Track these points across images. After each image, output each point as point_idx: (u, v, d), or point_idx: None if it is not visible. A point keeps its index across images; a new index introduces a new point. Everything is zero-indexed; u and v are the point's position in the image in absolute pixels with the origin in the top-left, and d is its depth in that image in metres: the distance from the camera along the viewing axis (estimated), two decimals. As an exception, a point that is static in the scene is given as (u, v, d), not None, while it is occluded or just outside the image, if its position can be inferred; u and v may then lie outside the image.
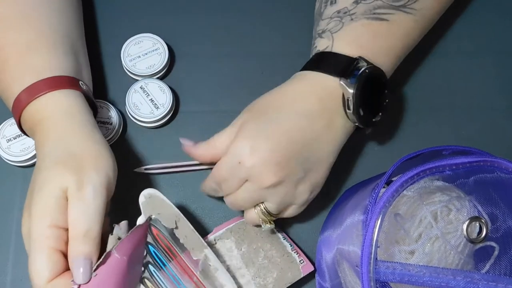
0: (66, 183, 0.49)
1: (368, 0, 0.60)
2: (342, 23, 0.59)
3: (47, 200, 0.49)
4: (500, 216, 0.49)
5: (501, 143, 0.69)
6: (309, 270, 0.60)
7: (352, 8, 0.60)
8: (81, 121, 0.54)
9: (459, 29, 0.73)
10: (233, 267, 0.59)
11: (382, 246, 0.50)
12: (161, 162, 0.65)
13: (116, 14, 0.72)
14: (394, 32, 0.60)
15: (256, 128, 0.55)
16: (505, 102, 0.71)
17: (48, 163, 0.51)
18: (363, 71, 0.56)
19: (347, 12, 0.60)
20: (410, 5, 0.61)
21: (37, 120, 0.54)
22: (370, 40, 0.59)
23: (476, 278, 0.44)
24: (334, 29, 0.59)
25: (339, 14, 0.60)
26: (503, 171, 0.48)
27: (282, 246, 0.60)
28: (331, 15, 0.61)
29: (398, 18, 0.60)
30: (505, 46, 0.73)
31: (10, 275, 0.62)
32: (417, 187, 0.51)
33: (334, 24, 0.60)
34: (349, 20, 0.59)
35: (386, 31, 0.60)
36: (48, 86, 0.54)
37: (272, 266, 0.59)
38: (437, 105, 0.70)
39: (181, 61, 0.70)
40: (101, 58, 0.70)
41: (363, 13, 0.59)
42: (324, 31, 0.60)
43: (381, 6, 0.60)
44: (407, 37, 0.62)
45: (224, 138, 0.57)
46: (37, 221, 0.49)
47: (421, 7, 0.62)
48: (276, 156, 0.54)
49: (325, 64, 0.58)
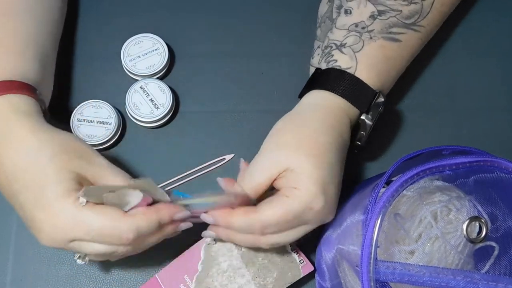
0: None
1: (383, 16, 0.59)
2: (362, 41, 0.59)
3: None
4: (500, 216, 0.49)
5: (501, 143, 0.69)
6: (309, 270, 0.60)
7: (369, 24, 0.59)
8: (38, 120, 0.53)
9: (460, 29, 0.73)
10: (233, 267, 0.59)
11: (382, 246, 0.50)
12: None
13: (116, 14, 0.72)
14: (403, 54, 0.61)
15: (318, 172, 0.52)
16: (505, 102, 0.71)
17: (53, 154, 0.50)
18: (381, 109, 0.58)
19: (365, 28, 0.59)
20: (419, 22, 0.61)
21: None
22: (385, 65, 0.60)
23: (476, 278, 0.44)
24: (355, 47, 0.59)
25: (357, 28, 0.60)
26: (503, 171, 0.48)
27: (282, 246, 0.60)
28: (349, 27, 0.60)
29: (408, 38, 0.61)
30: (505, 46, 0.73)
31: (10, 275, 0.62)
32: (417, 187, 0.51)
33: (354, 40, 0.59)
34: (368, 38, 0.59)
35: (397, 54, 0.61)
36: (4, 89, 0.52)
37: (272, 266, 0.59)
38: (437, 105, 0.70)
39: (181, 61, 0.70)
40: (101, 58, 0.70)
41: (380, 32, 0.59)
42: (344, 45, 0.59)
43: (395, 24, 0.60)
44: (411, 56, 0.63)
45: (265, 180, 0.53)
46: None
47: (428, 23, 0.62)
48: (337, 198, 0.55)
49: (351, 91, 0.57)
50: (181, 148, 0.67)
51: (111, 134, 0.65)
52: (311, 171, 0.52)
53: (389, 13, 0.59)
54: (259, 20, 0.72)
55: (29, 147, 0.50)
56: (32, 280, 0.62)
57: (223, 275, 0.59)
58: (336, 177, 0.54)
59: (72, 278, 0.62)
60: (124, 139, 0.67)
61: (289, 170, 0.53)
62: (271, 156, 0.54)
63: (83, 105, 0.65)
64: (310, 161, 0.52)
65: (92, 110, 0.65)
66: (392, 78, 0.62)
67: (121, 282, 0.62)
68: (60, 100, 0.67)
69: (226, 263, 0.59)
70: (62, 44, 0.67)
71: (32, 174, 0.49)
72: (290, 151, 0.53)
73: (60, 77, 0.66)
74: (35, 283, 0.62)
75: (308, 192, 0.52)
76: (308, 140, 0.54)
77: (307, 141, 0.54)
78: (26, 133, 0.50)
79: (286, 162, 0.53)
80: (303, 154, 0.53)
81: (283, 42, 0.71)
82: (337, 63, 0.58)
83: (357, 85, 0.57)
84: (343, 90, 0.57)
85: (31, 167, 0.50)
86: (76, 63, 0.69)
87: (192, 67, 0.70)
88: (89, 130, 0.64)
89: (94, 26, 0.71)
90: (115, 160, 0.65)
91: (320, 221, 0.54)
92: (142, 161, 0.66)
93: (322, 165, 0.53)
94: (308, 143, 0.53)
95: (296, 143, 0.54)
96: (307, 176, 0.52)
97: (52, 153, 0.50)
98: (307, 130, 0.55)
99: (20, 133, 0.51)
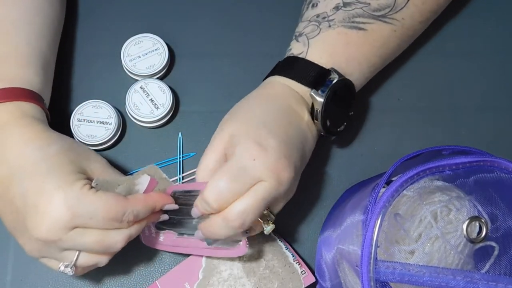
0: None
1: (348, 8, 0.60)
2: (319, 29, 0.60)
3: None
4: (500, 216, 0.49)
5: (501, 143, 0.69)
6: (311, 281, 0.60)
7: (331, 14, 0.60)
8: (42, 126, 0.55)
9: (458, 29, 0.73)
10: (234, 276, 0.59)
11: (382, 246, 0.50)
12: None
13: (116, 14, 0.72)
14: (370, 41, 0.61)
15: (254, 131, 0.53)
16: (505, 102, 0.71)
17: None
18: (334, 83, 0.57)
19: (326, 18, 0.60)
20: (390, 15, 0.61)
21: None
22: (344, 49, 0.59)
23: (476, 278, 0.44)
24: (310, 35, 0.60)
25: (317, 18, 0.61)
26: (503, 171, 0.48)
27: (284, 256, 0.60)
28: (310, 18, 0.61)
29: (377, 28, 0.61)
30: (505, 46, 0.73)
31: (10, 275, 0.62)
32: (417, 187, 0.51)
33: (311, 29, 0.60)
34: (327, 26, 0.60)
35: (361, 40, 0.60)
36: (13, 96, 0.55)
37: (273, 276, 0.59)
38: (437, 105, 0.70)
39: (181, 61, 0.70)
40: (101, 58, 0.70)
41: (341, 21, 0.60)
42: (301, 34, 0.61)
43: (360, 14, 0.60)
44: (384, 46, 0.62)
45: (214, 157, 0.55)
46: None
47: (402, 17, 0.62)
48: (286, 153, 0.53)
49: (297, 72, 0.58)
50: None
51: (111, 134, 0.65)
52: (247, 130, 0.53)
53: (354, 4, 0.60)
54: (259, 20, 0.72)
55: (38, 143, 0.52)
56: (32, 280, 0.62)
57: (224, 284, 0.59)
58: (278, 135, 0.53)
59: (72, 278, 0.62)
60: (124, 139, 0.67)
61: (230, 137, 0.54)
62: (214, 136, 0.56)
63: (83, 105, 0.65)
64: (244, 123, 0.54)
65: (92, 110, 0.65)
66: (358, 62, 0.61)
67: (121, 283, 0.62)
68: (60, 100, 0.67)
69: (227, 272, 0.59)
70: (62, 44, 0.67)
71: (40, 163, 0.51)
72: (228, 123, 0.55)
73: (60, 77, 0.66)
74: (35, 283, 0.62)
75: (244, 146, 0.52)
76: (244, 110, 0.56)
77: (242, 112, 0.56)
78: (35, 133, 0.53)
79: (225, 132, 0.54)
80: (238, 121, 0.55)
81: (283, 42, 0.71)
82: (291, 52, 0.60)
83: (305, 65, 0.58)
84: (282, 68, 0.59)
85: (39, 158, 0.51)
86: (76, 63, 0.69)
87: (192, 67, 0.70)
88: (89, 130, 0.64)
89: (94, 26, 0.71)
90: (114, 160, 0.65)
91: (274, 176, 0.51)
92: (142, 161, 0.66)
93: (258, 125, 0.54)
94: (245, 113, 0.56)
95: (232, 116, 0.56)
96: (244, 135, 0.53)
97: (61, 148, 0.52)
98: (245, 105, 0.57)
99: (28, 134, 0.53)
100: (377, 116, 0.69)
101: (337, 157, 0.62)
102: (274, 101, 0.57)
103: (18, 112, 0.54)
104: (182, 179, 0.65)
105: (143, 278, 0.62)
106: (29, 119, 0.54)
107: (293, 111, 0.57)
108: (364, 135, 0.68)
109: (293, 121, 0.56)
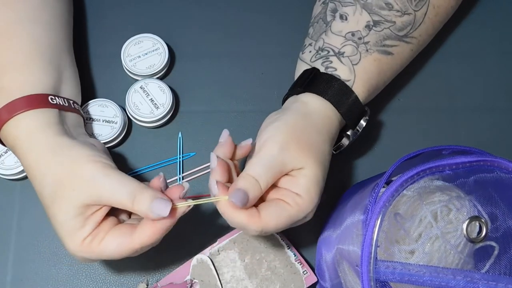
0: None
1: (378, 28, 0.60)
2: (359, 53, 0.60)
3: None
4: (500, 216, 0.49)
5: (501, 143, 0.69)
6: (312, 281, 0.60)
7: (365, 35, 0.60)
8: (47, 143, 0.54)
9: (459, 30, 0.73)
10: (236, 278, 0.59)
11: (382, 246, 0.50)
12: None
13: (116, 14, 0.72)
14: (393, 66, 0.62)
15: (322, 182, 0.55)
16: (505, 102, 0.71)
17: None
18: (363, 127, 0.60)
19: (362, 39, 0.60)
20: (411, 34, 0.62)
21: (12, 142, 0.54)
22: (376, 80, 0.61)
23: (476, 277, 0.44)
24: (353, 59, 0.59)
25: (353, 37, 0.60)
26: (503, 171, 0.48)
27: (286, 256, 0.60)
28: (345, 34, 0.60)
29: (400, 50, 0.62)
30: (505, 46, 0.73)
31: (10, 275, 0.62)
32: (417, 186, 0.51)
33: (351, 51, 0.60)
34: (365, 51, 0.60)
35: (388, 66, 0.62)
36: (20, 107, 0.54)
37: (275, 277, 0.59)
38: (437, 105, 0.70)
39: (181, 61, 0.70)
40: (101, 58, 0.70)
41: (375, 44, 0.60)
42: (342, 54, 0.60)
43: (389, 36, 0.61)
44: (401, 67, 0.64)
45: (271, 174, 0.53)
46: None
47: (419, 34, 0.63)
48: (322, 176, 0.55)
49: (346, 106, 0.58)
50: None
51: (116, 133, 0.65)
52: (318, 178, 0.53)
53: (383, 24, 0.60)
54: (259, 20, 0.72)
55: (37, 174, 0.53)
56: (32, 280, 0.62)
57: (226, 286, 0.59)
58: (326, 166, 0.56)
59: (72, 278, 0.62)
60: (128, 139, 0.67)
61: (295, 171, 0.53)
62: (278, 156, 0.53)
63: (89, 103, 0.65)
64: (319, 168, 0.54)
65: (99, 109, 0.65)
66: (378, 91, 0.63)
67: (121, 283, 0.62)
68: (60, 100, 0.67)
69: (229, 274, 0.59)
70: (62, 44, 0.67)
71: (66, 150, 0.53)
72: (299, 153, 0.53)
73: (60, 77, 0.66)
74: (35, 283, 0.62)
75: (310, 202, 0.53)
76: (316, 146, 0.55)
77: (315, 147, 0.55)
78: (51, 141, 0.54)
79: (294, 163, 0.53)
80: (312, 158, 0.53)
81: (283, 42, 0.71)
82: (337, 72, 0.59)
83: (355, 104, 0.58)
84: (345, 108, 0.58)
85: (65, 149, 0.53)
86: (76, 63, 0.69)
87: (192, 67, 0.70)
88: (95, 129, 0.64)
89: (94, 26, 0.71)
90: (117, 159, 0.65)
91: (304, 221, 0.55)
92: (141, 161, 0.66)
93: (324, 173, 0.55)
94: (317, 150, 0.55)
95: (304, 146, 0.54)
96: (314, 183, 0.53)
97: (90, 151, 0.53)
98: (314, 137, 0.55)
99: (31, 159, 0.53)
100: (377, 116, 0.69)
101: (337, 157, 0.62)
102: (331, 142, 0.58)
103: (24, 133, 0.53)
104: (182, 179, 0.65)
105: (142, 277, 0.62)
106: (34, 137, 0.53)
107: (333, 140, 0.58)
108: (364, 135, 0.68)
109: (330, 151, 0.57)
